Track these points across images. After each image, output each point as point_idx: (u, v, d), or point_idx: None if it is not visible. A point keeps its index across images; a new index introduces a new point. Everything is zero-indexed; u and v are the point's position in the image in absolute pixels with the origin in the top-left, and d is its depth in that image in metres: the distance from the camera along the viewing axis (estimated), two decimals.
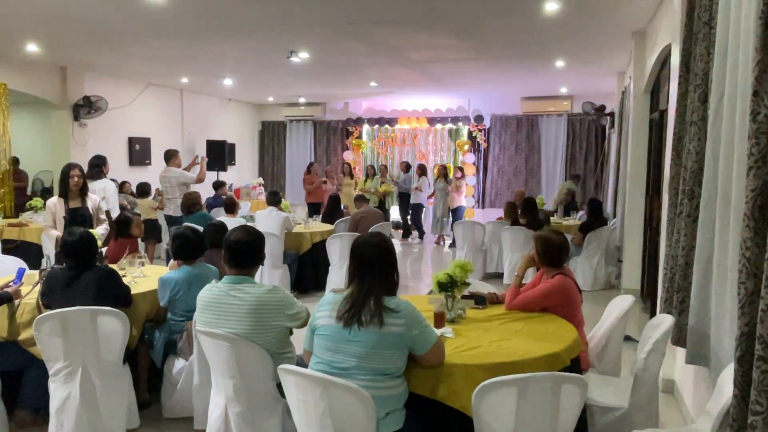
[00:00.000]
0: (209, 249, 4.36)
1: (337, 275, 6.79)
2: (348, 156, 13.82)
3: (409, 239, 12.12)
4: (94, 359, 3.23)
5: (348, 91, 12.32)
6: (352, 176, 12.51)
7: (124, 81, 10.37)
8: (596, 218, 7.59)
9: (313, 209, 11.33)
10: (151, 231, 8.10)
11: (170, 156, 8.16)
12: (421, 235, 11.98)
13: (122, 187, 9.19)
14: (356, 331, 2.42)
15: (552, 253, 3.48)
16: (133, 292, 3.75)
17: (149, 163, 10.82)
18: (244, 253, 2.91)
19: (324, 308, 2.55)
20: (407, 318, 2.45)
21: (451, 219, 11.55)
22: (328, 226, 7.90)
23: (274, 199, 7.28)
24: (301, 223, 8.05)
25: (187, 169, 8.66)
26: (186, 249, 3.84)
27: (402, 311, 2.45)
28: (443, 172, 11.52)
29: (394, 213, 12.81)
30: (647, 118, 7.05)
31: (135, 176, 9.96)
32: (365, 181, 12.25)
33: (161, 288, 3.73)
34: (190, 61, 8.76)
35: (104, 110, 9.47)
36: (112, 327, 3.24)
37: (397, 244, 11.76)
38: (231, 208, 7.12)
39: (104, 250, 4.82)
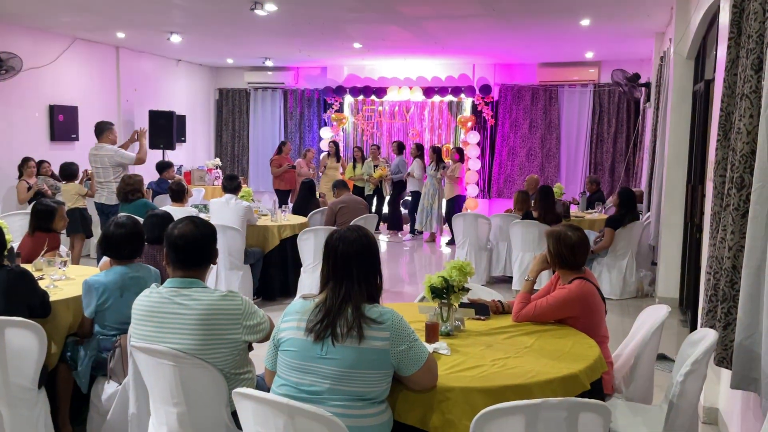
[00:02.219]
0: (150, 245, 4.33)
1: (311, 278, 6.78)
2: (326, 133, 13.78)
3: (399, 234, 12.14)
4: (2, 383, 3.18)
5: (326, 53, 12.26)
6: (338, 158, 12.46)
7: (44, 35, 10.22)
8: (627, 211, 7.62)
9: (282, 198, 11.28)
10: (78, 223, 8.02)
11: (103, 129, 8.07)
12: (414, 229, 11.99)
13: (41, 167, 9.08)
14: (330, 346, 2.42)
15: (565, 253, 3.50)
16: (52, 298, 3.71)
17: (76, 138, 10.71)
18: (189, 250, 2.88)
19: (291, 318, 2.54)
20: (392, 330, 2.45)
21: (443, 212, 11.55)
22: (300, 219, 7.88)
23: (232, 184, 7.24)
24: (267, 214, 8.01)
25: (125, 146, 8.58)
26: (118, 245, 3.79)
27: (386, 322, 2.45)
28: (436, 155, 11.51)
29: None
30: (690, 90, 7.08)
31: (58, 155, 9.85)
32: (354, 166, 12.22)
33: (86, 294, 3.68)
34: (128, 11, 8.65)
35: (18, 71, 9.32)
36: (25, 342, 3.20)
37: (383, 240, 11.76)
38: (179, 195, 7.07)
39: (16, 245, 4.76)
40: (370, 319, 2.44)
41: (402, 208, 12.53)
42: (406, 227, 12.50)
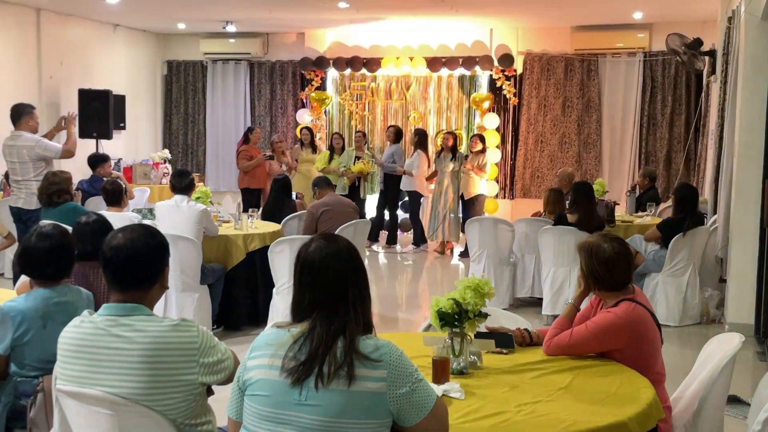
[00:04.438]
0: (81, 262, 4.31)
1: (286, 302, 6.71)
2: (304, 116, 13.77)
3: (398, 246, 12.12)
4: None
5: (304, 15, 12.26)
6: (314, 148, 12.44)
7: None
8: (687, 214, 7.63)
9: (250, 199, 11.26)
10: None
11: (21, 114, 8.05)
12: (419, 240, 11.99)
13: None
14: (311, 390, 2.40)
15: (599, 271, 3.51)
16: None
17: None
18: (129, 266, 2.87)
19: (260, 354, 2.52)
20: (390, 369, 2.44)
21: (460, 214, 11.55)
22: (272, 226, 7.88)
23: (182, 182, 7.21)
24: (230, 220, 8.00)
25: (49, 135, 8.57)
26: (41, 261, 3.78)
27: (383, 358, 2.44)
28: (450, 143, 11.52)
29: (371, 206, 12.71)
30: (767, 60, 7.09)
31: None
32: (330, 156, 12.20)
33: (0, 325, 3.66)
34: None
35: None
36: None
37: (379, 254, 11.75)
38: (115, 197, 7.05)
39: None
40: (363, 355, 2.42)
41: (401, 211, 12.54)
42: (407, 236, 12.50)
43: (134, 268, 2.89)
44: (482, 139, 11.79)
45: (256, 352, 2.54)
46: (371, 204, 12.66)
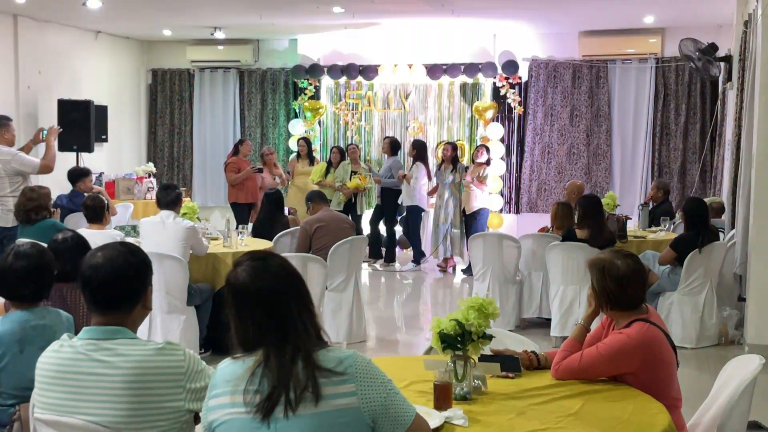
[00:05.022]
0: (57, 283, 4.30)
1: None
2: (297, 127, 13.78)
3: (396, 264, 12.10)
4: None
5: (296, 20, 12.30)
6: (311, 160, 12.45)
7: None
8: (700, 229, 7.62)
9: (240, 214, 11.26)
10: None
11: None
12: (419, 257, 11.98)
13: None
14: (281, 421, 2.39)
15: (611, 289, 3.51)
16: None
17: None
18: (108, 286, 2.86)
19: (220, 392, 2.51)
20: (358, 380, 2.43)
21: (464, 230, 11.54)
22: (262, 243, 7.88)
23: (168, 197, 7.21)
24: (219, 237, 8.01)
25: (26, 149, 8.57)
26: (18, 282, 3.77)
27: (348, 371, 2.43)
28: (451, 153, 11.52)
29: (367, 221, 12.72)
30: None
31: None
32: (326, 170, 12.21)
33: None
34: None
35: None
36: None
37: (375, 272, 11.73)
38: (96, 213, 7.05)
39: None
40: (326, 370, 2.41)
41: (399, 226, 12.54)
42: (407, 253, 12.49)
43: (114, 288, 2.88)
44: (487, 149, 11.79)
45: (215, 391, 2.53)
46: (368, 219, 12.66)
